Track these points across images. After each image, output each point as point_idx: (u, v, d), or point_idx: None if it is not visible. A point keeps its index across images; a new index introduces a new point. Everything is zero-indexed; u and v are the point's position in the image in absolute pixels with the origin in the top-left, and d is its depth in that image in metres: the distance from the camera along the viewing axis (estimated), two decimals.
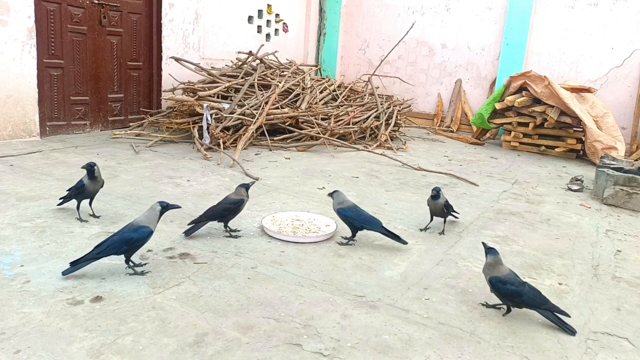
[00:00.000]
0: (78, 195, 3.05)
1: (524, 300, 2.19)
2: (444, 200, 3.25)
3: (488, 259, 2.29)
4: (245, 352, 1.85)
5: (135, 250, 2.38)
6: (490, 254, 2.29)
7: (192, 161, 4.72)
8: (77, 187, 3.05)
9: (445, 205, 3.23)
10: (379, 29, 8.88)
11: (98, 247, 2.32)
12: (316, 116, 5.96)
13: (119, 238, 2.32)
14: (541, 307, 2.19)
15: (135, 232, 2.34)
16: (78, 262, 2.29)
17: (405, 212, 3.68)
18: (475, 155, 6.24)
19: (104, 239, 2.38)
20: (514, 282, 2.21)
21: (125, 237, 2.32)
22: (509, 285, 2.19)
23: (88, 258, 2.30)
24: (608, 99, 7.06)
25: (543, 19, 7.49)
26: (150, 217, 2.42)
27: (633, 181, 4.28)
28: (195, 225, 2.91)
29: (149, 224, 2.40)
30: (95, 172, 3.04)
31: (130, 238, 2.32)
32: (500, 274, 2.23)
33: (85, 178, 3.05)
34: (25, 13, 4.80)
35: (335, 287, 2.42)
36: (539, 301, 2.19)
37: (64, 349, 1.79)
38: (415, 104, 8.65)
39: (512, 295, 2.20)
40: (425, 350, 1.95)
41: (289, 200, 3.74)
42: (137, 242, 2.35)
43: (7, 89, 4.77)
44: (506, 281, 2.20)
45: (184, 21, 6.50)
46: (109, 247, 2.31)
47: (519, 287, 2.19)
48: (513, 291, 2.19)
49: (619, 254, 3.16)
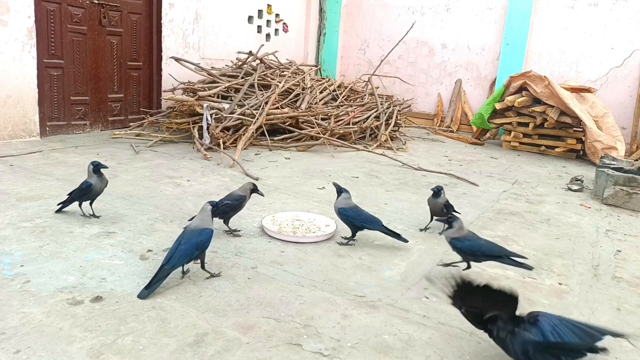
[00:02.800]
0: (83, 196, 3.01)
1: (482, 251, 2.49)
2: (445, 200, 3.25)
3: (454, 227, 2.57)
4: (245, 352, 1.85)
5: (204, 252, 2.38)
6: (454, 222, 2.58)
7: (192, 161, 4.72)
8: (82, 189, 3.00)
9: (445, 205, 3.23)
10: (379, 29, 8.88)
11: (169, 262, 2.24)
12: (316, 116, 5.96)
13: (188, 246, 2.29)
14: (499, 256, 2.46)
15: (201, 235, 2.34)
16: (152, 283, 2.19)
17: (406, 212, 3.68)
18: (475, 155, 6.24)
19: (168, 252, 2.29)
20: (471, 239, 2.54)
21: (194, 242, 2.31)
22: (466, 241, 2.52)
23: (163, 275, 2.22)
24: (608, 99, 7.05)
25: (543, 19, 7.49)
26: (205, 218, 2.43)
27: (633, 181, 4.28)
28: None
29: (208, 225, 2.41)
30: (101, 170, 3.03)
31: (199, 242, 2.33)
32: (460, 235, 2.53)
33: (93, 178, 2.99)
34: (25, 13, 4.80)
35: (335, 287, 2.42)
36: (496, 250, 2.49)
37: (64, 349, 1.79)
38: (415, 104, 8.64)
39: (469, 249, 2.50)
40: (425, 350, 1.95)
41: (289, 200, 3.74)
42: (206, 244, 2.37)
43: (7, 89, 4.77)
44: (464, 239, 2.52)
45: (184, 21, 6.50)
46: (182, 257, 2.27)
47: (474, 242, 2.52)
48: (470, 245, 2.50)
49: (619, 254, 3.16)
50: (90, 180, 3.00)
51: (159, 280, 2.21)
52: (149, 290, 2.18)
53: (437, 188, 3.26)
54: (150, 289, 2.18)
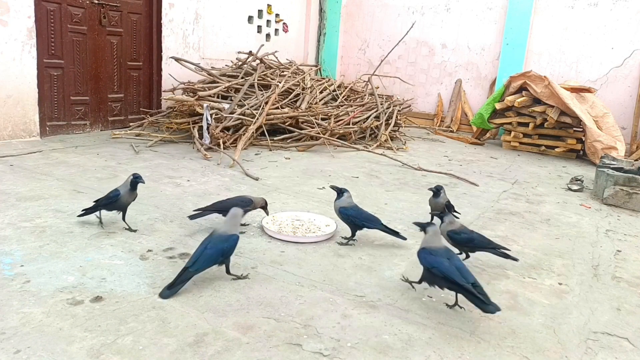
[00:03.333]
0: (109, 204, 2.87)
1: (475, 244, 2.70)
2: (445, 200, 3.26)
3: (445, 221, 2.76)
4: (245, 352, 1.85)
5: (229, 258, 2.38)
6: (446, 216, 2.79)
7: (192, 161, 4.72)
8: (109, 197, 2.86)
9: (446, 205, 3.24)
10: (379, 29, 8.88)
11: (193, 265, 2.24)
12: (316, 116, 5.96)
13: (213, 251, 2.29)
14: (489, 247, 2.71)
15: (227, 242, 2.35)
16: (175, 284, 2.20)
17: (406, 212, 3.68)
18: (475, 155, 6.24)
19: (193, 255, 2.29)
20: (466, 232, 2.74)
21: (220, 248, 2.32)
22: (462, 234, 2.71)
23: (186, 278, 2.23)
24: (608, 99, 7.05)
25: (543, 19, 7.49)
26: (234, 224, 2.44)
27: (633, 181, 4.28)
28: (201, 213, 2.97)
29: (235, 231, 2.41)
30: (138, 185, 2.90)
31: (225, 248, 2.34)
32: (455, 228, 2.73)
33: (123, 188, 2.86)
34: (25, 13, 4.80)
35: (335, 287, 2.42)
36: (486, 242, 2.73)
37: (64, 349, 1.79)
38: (415, 104, 8.65)
39: (466, 241, 2.71)
40: (425, 350, 1.95)
41: (289, 200, 3.74)
42: (231, 251, 2.37)
43: (7, 89, 4.77)
44: (460, 232, 2.72)
45: (184, 21, 6.50)
46: (206, 261, 2.28)
47: (470, 234, 2.73)
48: (466, 238, 2.70)
49: (619, 254, 3.16)
50: (120, 189, 2.87)
51: (182, 282, 2.22)
52: (171, 291, 2.20)
53: (436, 188, 3.29)
54: (173, 290, 2.20)
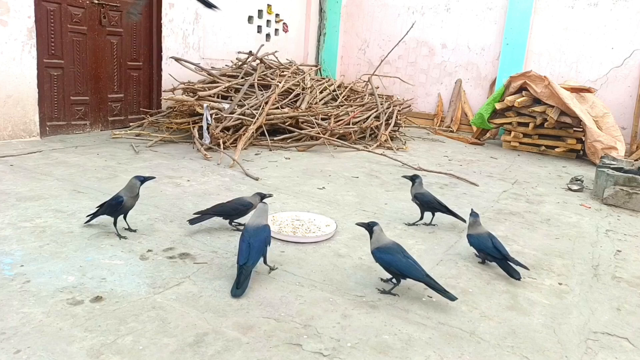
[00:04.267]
0: (114, 212, 2.80)
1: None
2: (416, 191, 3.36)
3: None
4: (245, 352, 1.85)
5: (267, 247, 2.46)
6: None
7: (192, 161, 4.72)
8: (111, 205, 2.79)
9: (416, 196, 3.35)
10: (379, 29, 8.88)
11: (248, 260, 2.30)
12: (316, 116, 5.96)
13: (259, 242, 2.38)
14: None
15: (265, 231, 2.45)
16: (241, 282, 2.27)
17: (405, 212, 3.68)
18: (475, 155, 6.24)
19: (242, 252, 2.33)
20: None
21: (262, 238, 2.41)
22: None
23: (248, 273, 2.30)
24: (608, 99, 7.05)
25: (543, 19, 7.49)
26: (262, 216, 2.51)
27: (633, 181, 4.28)
28: (201, 217, 2.97)
29: (265, 221, 2.50)
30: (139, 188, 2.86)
31: (266, 237, 2.43)
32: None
33: (126, 193, 2.80)
34: (25, 13, 4.80)
35: (335, 287, 2.42)
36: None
37: (64, 349, 1.79)
38: (415, 104, 8.65)
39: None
40: (425, 350, 1.95)
41: (289, 200, 3.74)
42: (269, 238, 2.47)
43: (7, 89, 4.77)
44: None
45: (184, 21, 6.50)
46: (258, 253, 2.36)
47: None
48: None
49: (619, 254, 3.16)
50: (122, 195, 2.79)
51: (246, 278, 2.28)
52: (241, 289, 2.25)
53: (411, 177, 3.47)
54: (242, 288, 2.25)
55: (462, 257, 2.89)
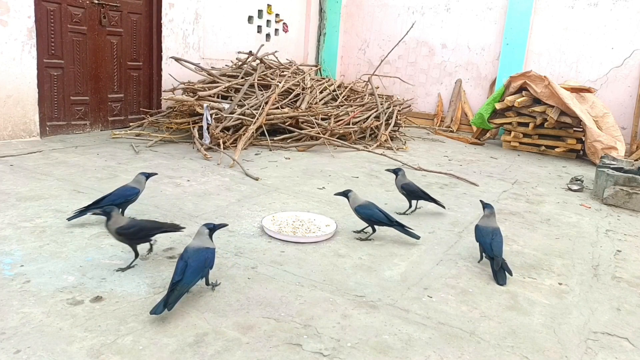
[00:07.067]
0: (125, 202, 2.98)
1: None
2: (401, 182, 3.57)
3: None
4: (245, 352, 1.85)
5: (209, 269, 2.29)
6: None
7: (192, 161, 4.72)
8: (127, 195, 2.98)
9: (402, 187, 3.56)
10: (379, 29, 8.88)
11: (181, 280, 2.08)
12: (316, 116, 5.96)
13: (197, 263, 2.18)
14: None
15: (207, 252, 2.27)
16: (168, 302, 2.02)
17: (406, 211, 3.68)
18: (475, 155, 6.24)
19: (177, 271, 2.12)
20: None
21: (202, 259, 2.22)
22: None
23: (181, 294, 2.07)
24: (608, 99, 7.06)
25: (543, 19, 7.49)
26: (204, 240, 2.33)
27: (633, 181, 4.28)
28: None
29: (209, 245, 2.32)
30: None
31: (206, 258, 2.25)
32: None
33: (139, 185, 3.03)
34: (25, 13, 4.80)
35: (335, 287, 2.42)
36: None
37: (64, 349, 1.79)
38: (415, 104, 8.65)
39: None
40: (425, 350, 1.95)
41: (289, 200, 3.74)
42: (212, 261, 2.30)
43: (7, 89, 4.77)
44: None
45: (184, 21, 6.50)
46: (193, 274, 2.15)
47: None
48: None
49: (619, 254, 3.16)
50: (137, 186, 3.01)
51: (177, 298, 2.06)
52: (167, 308, 2.01)
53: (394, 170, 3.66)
54: (169, 307, 2.02)
55: (462, 257, 2.89)
